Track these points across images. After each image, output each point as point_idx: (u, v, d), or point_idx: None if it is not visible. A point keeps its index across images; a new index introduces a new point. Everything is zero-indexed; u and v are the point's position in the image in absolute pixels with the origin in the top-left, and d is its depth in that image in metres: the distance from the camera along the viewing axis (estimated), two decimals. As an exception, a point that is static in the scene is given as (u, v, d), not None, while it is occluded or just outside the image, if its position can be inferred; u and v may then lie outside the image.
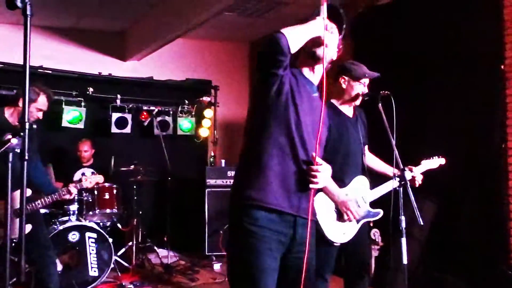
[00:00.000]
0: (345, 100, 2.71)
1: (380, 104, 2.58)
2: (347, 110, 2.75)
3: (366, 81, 2.71)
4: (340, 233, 2.55)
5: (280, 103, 1.72)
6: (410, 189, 2.43)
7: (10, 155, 1.32)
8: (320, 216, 2.48)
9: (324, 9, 1.76)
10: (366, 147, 2.89)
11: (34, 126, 3.14)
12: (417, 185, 2.78)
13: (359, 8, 4.98)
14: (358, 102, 2.72)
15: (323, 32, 1.75)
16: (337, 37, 1.89)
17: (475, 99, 3.74)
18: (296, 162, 1.71)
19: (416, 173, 2.78)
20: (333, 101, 2.73)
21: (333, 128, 2.58)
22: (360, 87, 2.68)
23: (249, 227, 1.64)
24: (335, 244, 2.54)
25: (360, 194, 2.67)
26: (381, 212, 2.72)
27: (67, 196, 3.21)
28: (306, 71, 1.88)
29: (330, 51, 1.83)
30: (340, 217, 2.57)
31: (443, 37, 4.01)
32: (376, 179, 2.87)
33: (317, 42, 1.77)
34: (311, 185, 1.69)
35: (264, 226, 1.64)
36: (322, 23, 1.75)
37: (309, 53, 1.82)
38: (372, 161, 2.93)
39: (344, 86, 2.69)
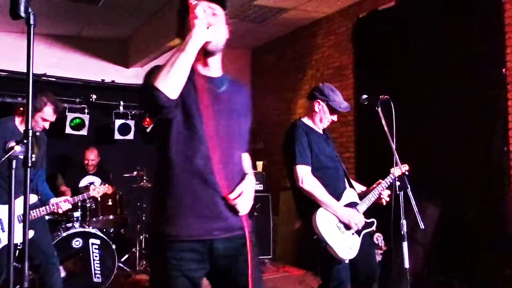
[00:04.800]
0: (314, 121, 2.76)
1: (379, 109, 2.59)
2: (318, 128, 2.78)
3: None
4: (347, 248, 2.54)
5: (173, 130, 1.53)
6: (411, 193, 2.44)
7: (14, 162, 1.34)
8: (327, 237, 2.48)
9: (199, 8, 1.47)
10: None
11: (38, 134, 3.16)
12: (384, 203, 2.73)
13: (360, 13, 5.01)
14: (325, 126, 2.77)
15: (207, 34, 1.49)
16: (223, 14, 1.63)
17: (477, 103, 3.74)
18: (204, 187, 1.55)
19: (384, 189, 2.73)
20: (304, 120, 2.76)
21: (316, 146, 2.62)
22: (332, 117, 2.74)
23: (162, 255, 1.56)
24: (345, 261, 2.52)
25: (353, 205, 2.69)
26: (375, 221, 2.74)
27: (59, 211, 3.22)
28: (201, 68, 1.61)
29: (220, 36, 1.58)
30: (342, 231, 2.57)
31: (444, 41, 4.02)
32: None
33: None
34: (239, 214, 1.58)
35: (177, 250, 1.54)
36: (200, 28, 1.46)
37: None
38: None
39: (317, 109, 2.73)
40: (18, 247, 2.90)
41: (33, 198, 3.13)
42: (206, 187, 1.55)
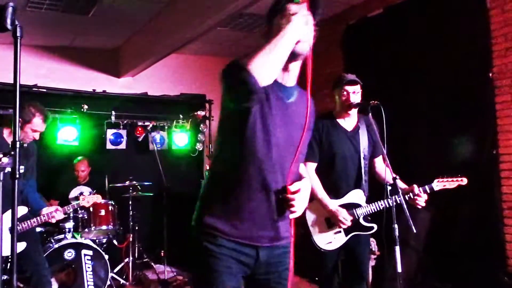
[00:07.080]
0: (338, 111, 2.77)
1: (370, 114, 2.62)
2: (345, 123, 2.78)
3: (352, 88, 2.72)
4: (325, 241, 2.67)
5: (248, 130, 1.49)
6: (402, 198, 2.46)
7: (1, 174, 1.33)
8: (310, 226, 2.67)
9: (304, 6, 1.43)
10: (380, 157, 2.86)
11: (25, 145, 3.14)
12: (419, 206, 2.64)
13: (350, 20, 5.06)
14: (351, 112, 2.74)
15: (303, 33, 1.43)
16: (312, 23, 1.51)
17: (465, 107, 3.78)
18: (265, 193, 1.54)
19: (422, 193, 2.63)
20: (333, 113, 2.84)
21: (328, 143, 2.67)
22: (345, 94, 2.72)
23: (207, 246, 1.56)
24: (322, 250, 2.67)
25: (353, 207, 2.71)
26: (375, 227, 2.74)
27: (52, 220, 3.20)
28: (279, 75, 1.54)
29: (309, 39, 1.50)
30: (329, 226, 2.67)
31: (432, 46, 4.07)
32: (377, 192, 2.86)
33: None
34: (291, 215, 1.56)
35: (222, 245, 1.55)
36: (301, 23, 1.41)
37: None
38: (382, 173, 2.79)
39: (336, 98, 2.80)
40: (10, 260, 2.87)
41: (23, 210, 3.10)
42: (266, 193, 1.55)
